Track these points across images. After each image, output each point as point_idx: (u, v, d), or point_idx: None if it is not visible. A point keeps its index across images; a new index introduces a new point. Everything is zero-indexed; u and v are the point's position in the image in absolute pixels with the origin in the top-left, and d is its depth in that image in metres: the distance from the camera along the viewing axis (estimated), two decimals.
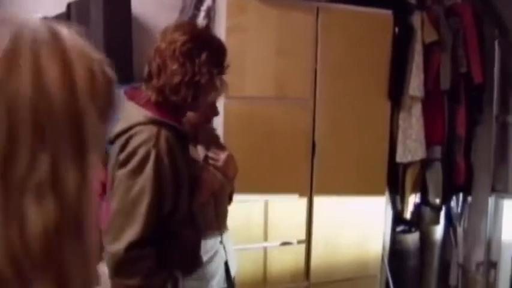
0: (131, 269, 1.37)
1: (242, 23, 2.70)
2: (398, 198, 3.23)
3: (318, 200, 2.97)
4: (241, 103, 2.73)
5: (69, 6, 2.66)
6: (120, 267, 1.37)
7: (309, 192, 2.96)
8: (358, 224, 3.07)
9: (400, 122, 3.11)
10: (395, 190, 3.21)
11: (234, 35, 2.69)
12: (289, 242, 2.95)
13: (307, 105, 2.89)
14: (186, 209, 1.57)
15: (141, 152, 1.40)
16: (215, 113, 1.79)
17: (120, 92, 1.61)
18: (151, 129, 1.44)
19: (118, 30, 2.59)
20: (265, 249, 2.90)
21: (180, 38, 1.46)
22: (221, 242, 1.86)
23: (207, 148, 1.88)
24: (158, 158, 1.41)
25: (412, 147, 3.09)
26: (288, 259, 2.96)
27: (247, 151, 2.78)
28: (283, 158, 2.87)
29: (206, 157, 1.86)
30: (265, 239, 2.89)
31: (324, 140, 2.94)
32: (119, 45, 2.59)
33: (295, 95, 2.87)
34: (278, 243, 2.93)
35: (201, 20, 2.78)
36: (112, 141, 1.51)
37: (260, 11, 2.73)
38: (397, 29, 3.02)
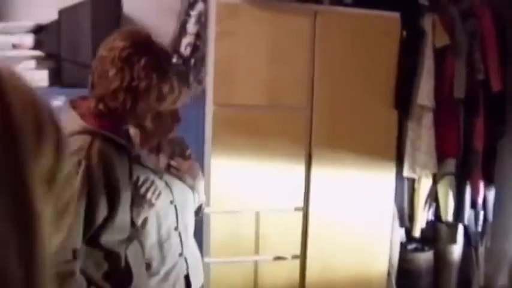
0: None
1: (232, 28, 2.65)
2: (406, 213, 3.06)
3: (314, 213, 2.87)
4: (230, 111, 2.69)
5: (60, 13, 2.73)
6: None
7: (305, 204, 2.87)
8: (360, 240, 2.93)
9: (409, 133, 2.94)
10: (403, 205, 3.04)
11: (224, 40, 2.65)
12: (282, 256, 2.87)
13: (303, 114, 2.80)
14: (127, 220, 1.56)
15: (70, 162, 1.40)
16: (176, 120, 1.78)
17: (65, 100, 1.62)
18: (84, 139, 1.45)
19: (107, 35, 2.62)
20: (256, 263, 2.84)
21: (119, 44, 1.47)
22: (181, 254, 1.85)
23: (171, 157, 1.88)
24: (88, 170, 1.41)
25: (421, 160, 2.92)
26: (281, 275, 2.88)
27: (238, 160, 2.75)
28: (277, 169, 2.79)
29: (168, 166, 1.86)
30: (257, 252, 2.84)
31: (322, 151, 2.83)
32: None
33: (290, 103, 2.79)
34: (270, 257, 2.85)
35: (191, 26, 2.78)
36: None
37: (252, 15, 2.67)
38: (405, 33, 2.87)
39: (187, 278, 1.89)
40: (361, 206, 2.92)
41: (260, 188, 2.82)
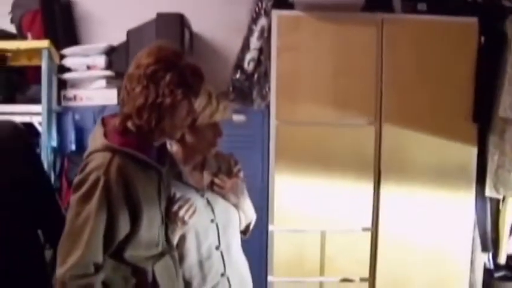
0: None
1: (295, 42, 2.64)
2: (489, 238, 2.82)
3: (383, 234, 2.74)
4: (294, 127, 2.66)
5: (128, 33, 2.86)
6: None
7: (374, 225, 2.75)
8: (435, 264, 2.75)
9: (490, 148, 2.72)
10: (486, 228, 2.81)
11: (286, 55, 2.64)
12: (350, 278, 2.77)
13: (370, 130, 2.70)
14: (154, 236, 1.58)
15: (91, 179, 1.43)
16: (218, 134, 1.77)
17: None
18: (104, 156, 1.47)
19: None
20: (321, 284, 2.77)
21: (145, 61, 1.47)
22: (223, 274, 1.82)
23: (216, 174, 1.88)
24: (106, 186, 1.43)
25: (505, 178, 2.68)
26: None
27: (303, 178, 2.70)
28: (344, 187, 2.72)
29: (212, 183, 1.86)
30: (322, 273, 2.76)
31: (392, 168, 2.71)
32: None
33: (357, 119, 2.70)
34: (337, 279, 2.76)
35: (254, 41, 2.78)
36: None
37: (315, 28, 2.64)
38: (483, 39, 2.67)
39: None
40: (436, 228, 2.74)
41: (326, 207, 2.75)
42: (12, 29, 3.13)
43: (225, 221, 1.84)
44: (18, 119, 2.72)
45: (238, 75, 2.88)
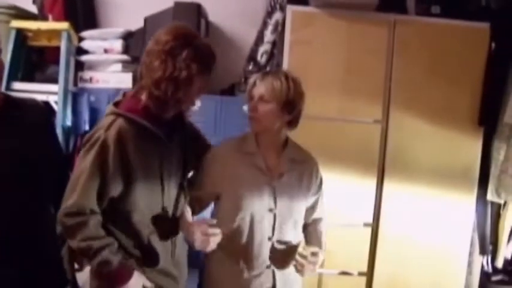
0: (69, 232, 1.61)
1: (307, 37, 2.71)
2: (488, 241, 2.89)
3: (384, 230, 2.82)
4: (301, 121, 2.70)
5: (145, 20, 2.97)
6: (63, 231, 1.63)
7: (375, 220, 2.83)
8: (432, 263, 2.83)
9: (494, 153, 2.79)
10: (485, 232, 2.88)
11: (298, 49, 2.72)
12: (348, 272, 2.86)
13: (377, 128, 2.78)
14: (154, 205, 1.73)
15: (94, 136, 1.62)
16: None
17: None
18: (109, 119, 1.65)
19: None
20: (320, 276, 2.86)
21: (164, 38, 1.64)
22: (269, 266, 1.90)
23: (292, 160, 1.96)
24: (104, 144, 1.60)
25: (508, 183, 2.75)
26: None
27: None
28: (347, 183, 2.80)
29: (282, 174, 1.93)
30: (321, 265, 2.83)
31: (396, 167, 2.79)
32: None
33: (365, 116, 2.77)
34: (336, 272, 2.86)
35: (268, 34, 2.87)
36: None
37: (328, 25, 2.72)
38: (494, 45, 2.73)
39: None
40: (435, 228, 2.82)
41: (329, 202, 2.82)
42: (34, 9, 3.26)
43: (285, 214, 1.90)
44: (35, 97, 2.87)
45: (251, 67, 2.98)
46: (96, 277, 1.76)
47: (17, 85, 3.04)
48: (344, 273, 2.85)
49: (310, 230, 2.08)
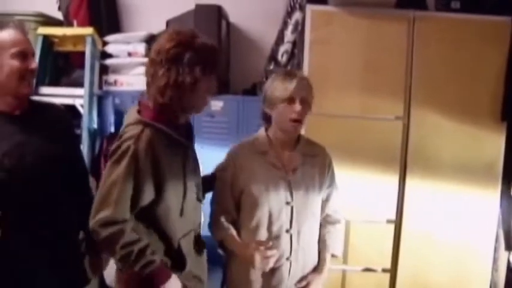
0: (106, 242, 1.64)
1: (327, 36, 2.75)
2: None
3: (407, 227, 2.84)
4: (323, 119, 2.76)
5: (167, 22, 3.04)
6: (100, 242, 1.65)
7: (398, 217, 2.85)
8: (456, 259, 2.83)
9: None
10: (510, 227, 2.87)
11: (318, 48, 2.76)
12: (372, 268, 2.89)
13: (398, 124, 2.80)
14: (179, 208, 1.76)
15: (123, 147, 1.64)
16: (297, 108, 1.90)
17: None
18: (136, 129, 1.66)
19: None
20: (344, 272, 2.89)
21: (165, 45, 1.65)
22: (288, 258, 1.94)
23: (305, 154, 2.00)
24: (135, 154, 1.62)
25: None
26: (370, 287, 2.88)
27: None
28: (370, 179, 2.83)
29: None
30: (345, 261, 2.88)
31: (418, 163, 2.80)
32: None
33: (386, 113, 2.80)
34: (360, 268, 2.89)
35: (289, 34, 2.91)
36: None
37: (346, 23, 2.75)
38: None
39: None
40: (459, 224, 2.83)
41: (352, 198, 2.85)
42: (59, 16, 3.36)
43: (301, 206, 1.95)
44: (62, 101, 2.97)
45: (272, 67, 3.02)
46: (133, 281, 1.78)
47: (45, 89, 3.14)
48: (368, 269, 2.88)
49: (327, 230, 2.09)
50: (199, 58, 1.64)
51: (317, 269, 2.03)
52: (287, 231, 1.92)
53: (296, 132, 1.96)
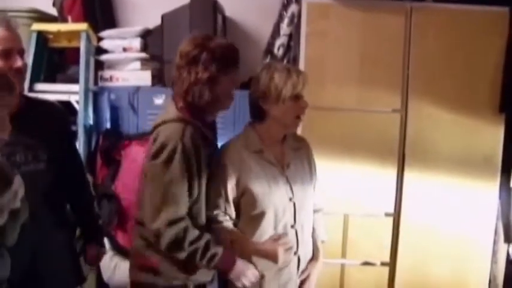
0: (176, 242, 1.73)
1: (323, 28, 2.74)
2: None
3: (405, 219, 2.83)
4: (320, 113, 2.74)
5: (163, 17, 3.01)
6: (168, 243, 1.73)
7: (396, 210, 2.84)
8: (456, 252, 2.83)
9: None
10: (509, 219, 2.86)
11: (314, 41, 2.75)
12: (371, 262, 2.88)
13: (396, 117, 2.78)
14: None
15: (169, 146, 1.73)
16: (304, 105, 1.91)
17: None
18: (177, 126, 1.77)
19: None
20: (342, 266, 2.88)
21: (185, 50, 1.81)
22: (295, 253, 1.94)
23: (296, 150, 2.02)
24: (184, 151, 1.73)
25: None
26: (369, 281, 2.89)
27: (327, 162, 2.78)
28: (368, 172, 2.81)
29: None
30: (344, 255, 2.87)
31: (416, 155, 2.79)
32: None
33: (383, 106, 2.78)
34: (358, 262, 2.88)
35: (284, 27, 2.89)
36: (151, 132, 1.87)
37: (342, 15, 2.73)
38: None
39: None
40: (458, 216, 2.82)
41: (350, 191, 2.84)
42: (54, 12, 3.33)
43: (301, 200, 1.96)
44: (57, 97, 2.94)
45: (268, 60, 3.00)
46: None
47: (40, 86, 3.11)
48: (366, 263, 2.87)
49: (315, 219, 2.10)
50: (214, 56, 1.77)
51: (314, 258, 2.05)
52: (292, 226, 1.92)
53: (296, 128, 1.98)
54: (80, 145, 3.00)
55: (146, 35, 3.17)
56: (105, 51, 3.20)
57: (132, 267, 1.93)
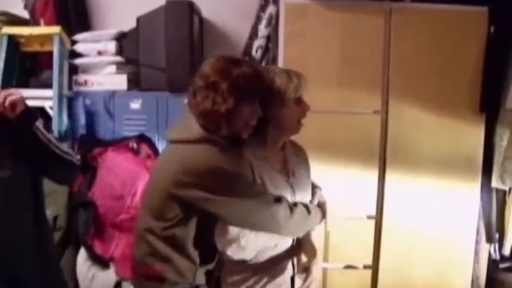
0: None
1: (301, 29, 2.70)
2: (494, 229, 2.86)
3: (387, 222, 2.80)
4: None
5: (138, 20, 2.94)
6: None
7: (378, 212, 2.81)
8: (438, 253, 2.82)
9: (497, 140, 2.76)
10: (491, 219, 2.85)
11: (293, 42, 2.70)
12: (353, 265, 2.84)
13: (377, 118, 2.75)
14: None
15: (216, 173, 1.62)
16: (306, 108, 1.86)
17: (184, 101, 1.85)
18: (210, 149, 1.64)
19: (178, 40, 2.78)
20: (325, 271, 2.84)
21: (206, 72, 1.65)
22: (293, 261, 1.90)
23: (297, 155, 1.98)
24: (235, 174, 1.65)
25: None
26: (352, 284, 2.86)
27: None
28: (349, 175, 2.78)
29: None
30: (326, 259, 2.83)
31: (397, 157, 2.77)
32: (179, 53, 2.80)
33: (364, 107, 2.75)
34: (341, 265, 2.84)
35: (262, 28, 2.84)
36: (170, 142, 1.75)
37: (321, 16, 2.70)
38: (493, 28, 2.69)
39: (292, 280, 1.92)
40: (440, 218, 2.80)
41: (331, 195, 2.79)
42: (25, 15, 3.23)
43: None
44: (30, 103, 2.84)
45: None
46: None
47: None
48: (349, 266, 2.84)
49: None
50: (234, 88, 1.61)
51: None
52: None
53: (298, 133, 1.89)
54: None
55: (121, 38, 3.09)
56: (80, 55, 3.12)
57: (135, 278, 1.85)
